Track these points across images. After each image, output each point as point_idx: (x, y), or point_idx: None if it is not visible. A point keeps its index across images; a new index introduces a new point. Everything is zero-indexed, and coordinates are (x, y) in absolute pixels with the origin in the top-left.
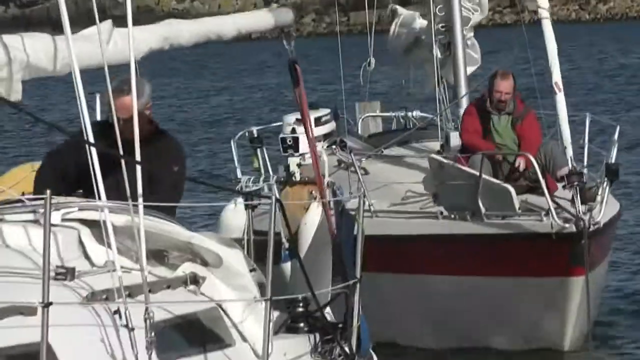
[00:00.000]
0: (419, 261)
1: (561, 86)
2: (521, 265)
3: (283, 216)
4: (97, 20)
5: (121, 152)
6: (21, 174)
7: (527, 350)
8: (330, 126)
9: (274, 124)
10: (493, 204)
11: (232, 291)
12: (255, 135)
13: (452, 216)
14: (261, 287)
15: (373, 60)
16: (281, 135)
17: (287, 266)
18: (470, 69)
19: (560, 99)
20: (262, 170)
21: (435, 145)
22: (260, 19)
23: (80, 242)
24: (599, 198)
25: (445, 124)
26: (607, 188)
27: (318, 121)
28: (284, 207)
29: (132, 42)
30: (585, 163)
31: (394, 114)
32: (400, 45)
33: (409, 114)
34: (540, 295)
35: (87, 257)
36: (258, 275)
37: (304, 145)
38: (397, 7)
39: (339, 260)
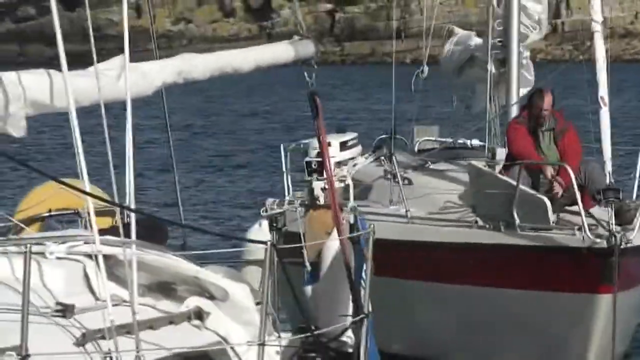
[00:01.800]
0: (447, 269)
1: (607, 101)
2: (549, 279)
3: (278, 257)
4: (95, 60)
5: None
6: (46, 192)
7: None
8: (357, 150)
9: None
10: (528, 216)
11: (238, 326)
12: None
13: (486, 226)
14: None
15: (426, 69)
16: (306, 159)
17: (309, 289)
18: (523, 90)
19: (605, 114)
20: None
21: (482, 162)
22: (280, 52)
23: (86, 276)
24: (636, 220)
25: (493, 140)
26: None
27: (344, 145)
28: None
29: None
30: (635, 197)
31: (451, 140)
32: (453, 65)
33: (467, 142)
34: (567, 311)
35: (91, 291)
36: (268, 307)
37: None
38: (454, 27)
39: (352, 291)
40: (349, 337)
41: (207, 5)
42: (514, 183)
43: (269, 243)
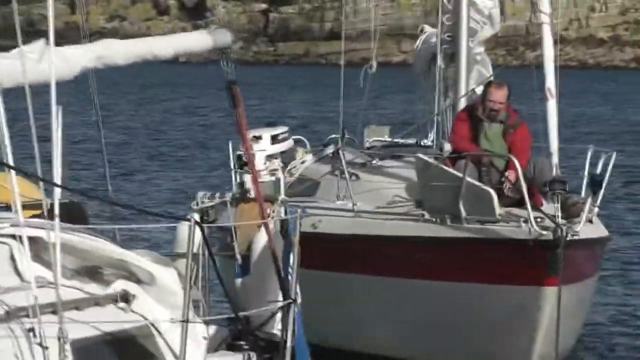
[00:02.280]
0: (394, 263)
1: (554, 93)
2: (495, 272)
3: (204, 238)
4: (20, 42)
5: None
6: None
7: None
8: (288, 144)
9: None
10: (474, 208)
11: (165, 309)
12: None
13: (433, 219)
14: (197, 304)
15: (375, 64)
16: (237, 152)
17: (239, 282)
18: (480, 86)
19: (551, 106)
20: None
21: (430, 156)
22: (198, 40)
23: (12, 258)
24: (583, 213)
25: (442, 135)
26: (590, 200)
27: (275, 138)
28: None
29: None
30: (583, 194)
31: (402, 140)
32: (422, 62)
33: (418, 141)
34: (513, 304)
35: (17, 273)
36: (195, 292)
37: (260, 163)
38: (426, 25)
39: (280, 279)
40: (279, 329)
41: (142, 3)
42: (460, 175)
43: (192, 220)
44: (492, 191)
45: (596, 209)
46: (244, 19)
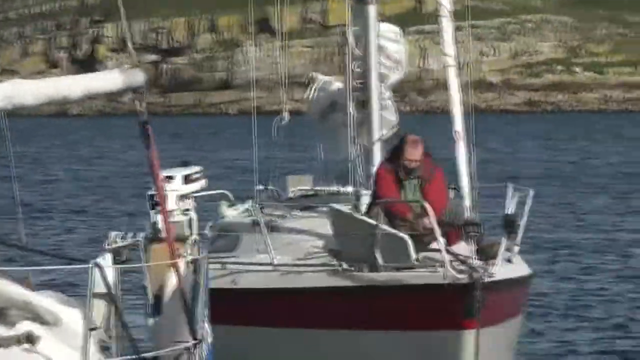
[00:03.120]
0: (314, 315)
1: (461, 134)
2: (414, 318)
3: (103, 278)
4: None
5: None
6: None
7: None
8: (201, 184)
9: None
10: (390, 255)
11: (70, 350)
12: None
13: (350, 268)
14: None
15: (287, 115)
16: (149, 192)
17: (150, 322)
18: (387, 132)
19: (460, 148)
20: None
21: (347, 206)
22: (109, 80)
23: None
24: (499, 254)
25: (358, 185)
26: (505, 240)
27: (188, 178)
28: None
29: None
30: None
31: (325, 189)
32: (317, 110)
33: (342, 189)
34: (433, 349)
35: None
36: (100, 333)
37: (171, 202)
38: (315, 73)
39: (188, 319)
40: None
41: (33, 57)
42: (374, 223)
43: (92, 262)
44: (406, 237)
45: (516, 248)
46: None
